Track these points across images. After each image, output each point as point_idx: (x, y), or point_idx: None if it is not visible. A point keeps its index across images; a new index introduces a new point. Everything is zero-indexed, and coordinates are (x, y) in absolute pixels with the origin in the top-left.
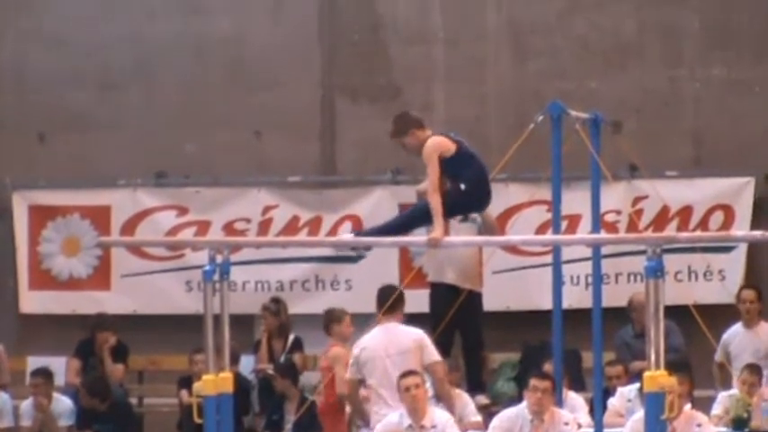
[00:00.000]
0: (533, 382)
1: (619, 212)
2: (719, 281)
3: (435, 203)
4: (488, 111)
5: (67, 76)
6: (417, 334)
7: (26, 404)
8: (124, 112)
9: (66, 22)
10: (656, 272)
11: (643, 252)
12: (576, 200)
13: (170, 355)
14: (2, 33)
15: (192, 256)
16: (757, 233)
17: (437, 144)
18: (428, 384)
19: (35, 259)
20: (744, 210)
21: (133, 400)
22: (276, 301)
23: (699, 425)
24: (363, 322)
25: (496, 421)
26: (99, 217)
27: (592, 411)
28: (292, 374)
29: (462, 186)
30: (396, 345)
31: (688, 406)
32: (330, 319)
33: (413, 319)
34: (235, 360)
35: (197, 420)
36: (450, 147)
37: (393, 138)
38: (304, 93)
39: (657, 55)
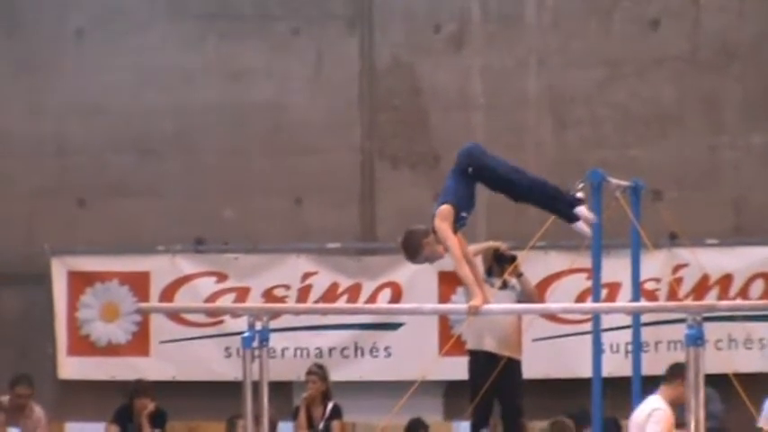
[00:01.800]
0: None
1: (658, 281)
2: (759, 349)
3: (464, 275)
4: None
5: (107, 142)
6: None
7: None
8: (163, 178)
9: (106, 89)
10: (696, 340)
11: (683, 320)
12: (615, 268)
13: (209, 422)
14: (43, 101)
15: (231, 323)
16: None
17: (443, 218)
18: None
19: (74, 325)
20: None
21: None
22: (320, 366)
23: None
24: (403, 390)
25: None
26: (138, 283)
27: None
28: None
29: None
30: None
31: None
32: None
33: (453, 387)
34: (273, 427)
35: None
36: (450, 211)
37: (413, 262)
38: (344, 159)
39: (697, 123)
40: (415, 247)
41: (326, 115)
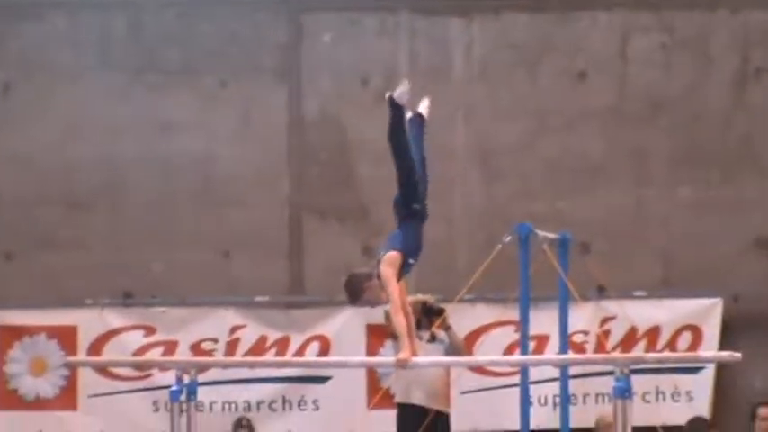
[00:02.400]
0: None
1: (586, 333)
2: (687, 402)
3: (399, 324)
4: (456, 230)
5: (35, 195)
6: None
7: None
8: (91, 231)
9: (34, 142)
10: (623, 392)
11: (611, 372)
12: (543, 320)
13: None
14: None
15: (159, 376)
16: (725, 354)
17: (389, 265)
18: None
19: (2, 379)
20: (712, 330)
21: None
22: (246, 421)
23: None
24: None
25: None
26: (66, 337)
27: None
28: None
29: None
30: None
31: None
32: None
33: None
34: None
35: None
36: (397, 257)
37: (355, 305)
38: (272, 211)
39: (625, 176)
40: (356, 291)
41: (255, 168)
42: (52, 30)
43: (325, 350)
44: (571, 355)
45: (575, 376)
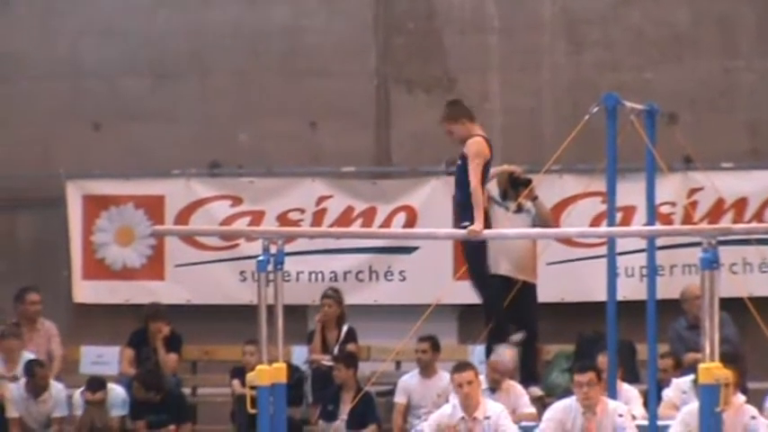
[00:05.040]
0: (576, 377)
1: (674, 204)
2: None
3: (478, 197)
4: (543, 101)
5: (122, 65)
6: None
7: (79, 393)
8: (178, 102)
9: (121, 12)
10: (711, 263)
11: (698, 244)
12: (630, 191)
13: (224, 346)
14: (58, 24)
15: (245, 247)
16: None
17: (482, 148)
18: (482, 376)
19: (89, 249)
20: None
21: (186, 390)
22: (335, 290)
23: (753, 417)
24: (418, 314)
25: (549, 413)
26: (153, 207)
27: (646, 403)
28: (354, 364)
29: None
30: None
31: (742, 398)
32: None
33: (468, 311)
34: None
35: (251, 411)
36: (487, 156)
37: (443, 122)
38: (359, 83)
39: (713, 46)
40: (456, 114)
41: (341, 39)
42: None
43: (411, 221)
44: (658, 227)
45: (661, 248)
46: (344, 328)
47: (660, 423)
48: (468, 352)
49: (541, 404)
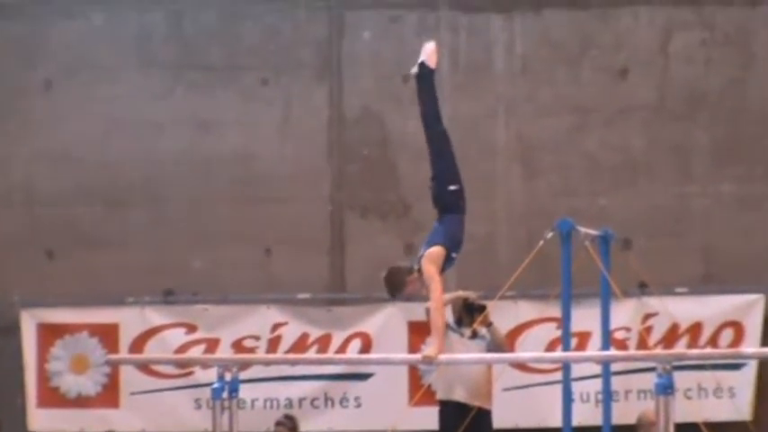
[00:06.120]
0: None
1: (628, 330)
2: (729, 398)
3: (436, 321)
4: (498, 227)
5: (75, 193)
6: None
7: None
8: (132, 229)
9: (75, 139)
10: (665, 389)
11: (653, 369)
12: (585, 317)
13: None
14: (12, 152)
15: (201, 374)
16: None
17: (432, 261)
18: None
19: (43, 377)
20: (754, 327)
21: None
22: (289, 417)
23: None
24: None
25: None
26: (107, 335)
27: None
28: None
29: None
30: None
31: None
32: None
33: None
34: None
35: None
36: (441, 253)
37: (395, 299)
38: (313, 209)
39: (666, 172)
40: (397, 284)
41: (296, 165)
42: (93, 28)
43: (366, 347)
44: (613, 352)
45: (617, 373)
46: None
47: None
48: None
49: None
